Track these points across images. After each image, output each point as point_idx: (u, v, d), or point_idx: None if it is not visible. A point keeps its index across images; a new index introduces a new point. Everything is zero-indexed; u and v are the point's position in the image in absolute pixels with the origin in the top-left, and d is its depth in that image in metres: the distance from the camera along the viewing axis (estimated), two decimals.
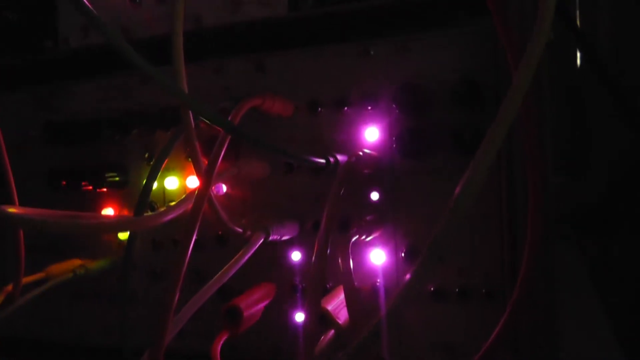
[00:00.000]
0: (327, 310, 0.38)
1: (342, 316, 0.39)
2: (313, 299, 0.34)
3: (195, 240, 0.52)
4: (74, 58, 0.60)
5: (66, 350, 0.62)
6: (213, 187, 0.43)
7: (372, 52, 0.49)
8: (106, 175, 0.57)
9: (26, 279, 0.50)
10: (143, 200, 0.43)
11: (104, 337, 0.60)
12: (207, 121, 0.36)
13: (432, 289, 0.47)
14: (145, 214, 0.44)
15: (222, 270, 0.41)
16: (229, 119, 0.41)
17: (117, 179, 0.58)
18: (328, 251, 0.36)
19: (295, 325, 0.51)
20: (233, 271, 0.42)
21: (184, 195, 0.42)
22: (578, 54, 0.80)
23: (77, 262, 0.57)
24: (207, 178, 0.38)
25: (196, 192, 0.38)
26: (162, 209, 0.41)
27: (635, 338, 0.55)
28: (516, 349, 0.43)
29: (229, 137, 0.40)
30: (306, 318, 0.33)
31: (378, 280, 0.49)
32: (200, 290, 0.41)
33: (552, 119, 0.43)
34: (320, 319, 0.37)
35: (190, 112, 0.38)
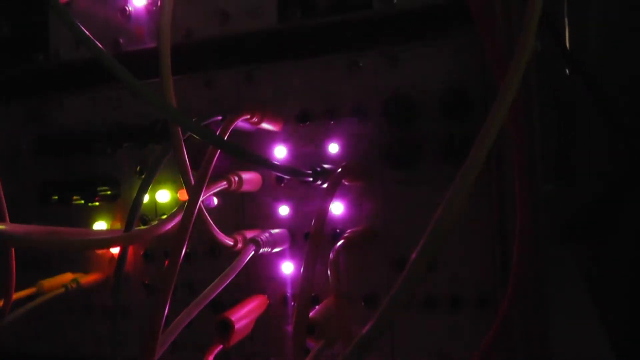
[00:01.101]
0: (317, 321, 0.38)
1: (333, 327, 0.39)
2: (302, 310, 0.34)
3: (188, 253, 0.53)
4: (65, 71, 0.60)
5: None
6: (204, 200, 0.43)
7: (361, 64, 0.49)
8: (98, 189, 0.57)
9: (17, 295, 0.49)
10: (133, 215, 0.43)
11: (95, 351, 0.60)
12: (195, 136, 0.36)
13: (424, 297, 0.47)
14: (136, 228, 0.44)
15: (213, 283, 0.42)
16: (218, 132, 0.42)
17: (109, 192, 0.58)
18: (317, 262, 0.36)
19: (286, 336, 0.50)
20: (224, 284, 0.42)
21: (175, 208, 0.42)
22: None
23: (68, 276, 0.57)
24: (195, 192, 0.38)
25: (185, 205, 0.38)
26: (153, 223, 0.41)
27: (627, 341, 0.55)
28: (510, 354, 0.43)
29: (218, 150, 0.40)
30: (295, 329, 0.33)
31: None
32: (191, 303, 0.41)
33: (541, 126, 0.43)
34: (310, 329, 0.37)
35: (178, 126, 0.39)
